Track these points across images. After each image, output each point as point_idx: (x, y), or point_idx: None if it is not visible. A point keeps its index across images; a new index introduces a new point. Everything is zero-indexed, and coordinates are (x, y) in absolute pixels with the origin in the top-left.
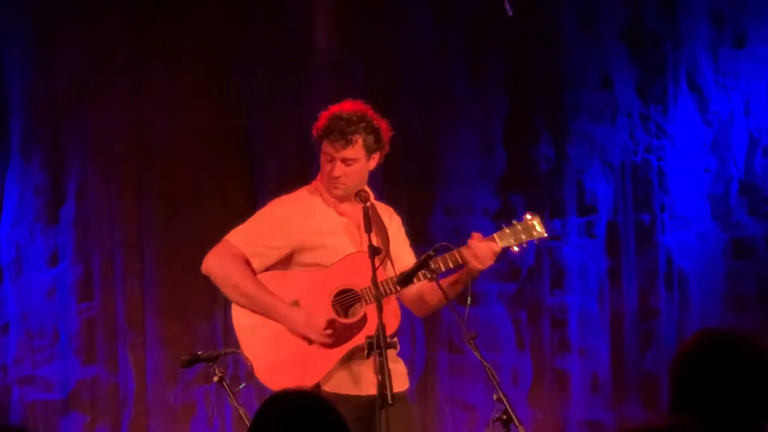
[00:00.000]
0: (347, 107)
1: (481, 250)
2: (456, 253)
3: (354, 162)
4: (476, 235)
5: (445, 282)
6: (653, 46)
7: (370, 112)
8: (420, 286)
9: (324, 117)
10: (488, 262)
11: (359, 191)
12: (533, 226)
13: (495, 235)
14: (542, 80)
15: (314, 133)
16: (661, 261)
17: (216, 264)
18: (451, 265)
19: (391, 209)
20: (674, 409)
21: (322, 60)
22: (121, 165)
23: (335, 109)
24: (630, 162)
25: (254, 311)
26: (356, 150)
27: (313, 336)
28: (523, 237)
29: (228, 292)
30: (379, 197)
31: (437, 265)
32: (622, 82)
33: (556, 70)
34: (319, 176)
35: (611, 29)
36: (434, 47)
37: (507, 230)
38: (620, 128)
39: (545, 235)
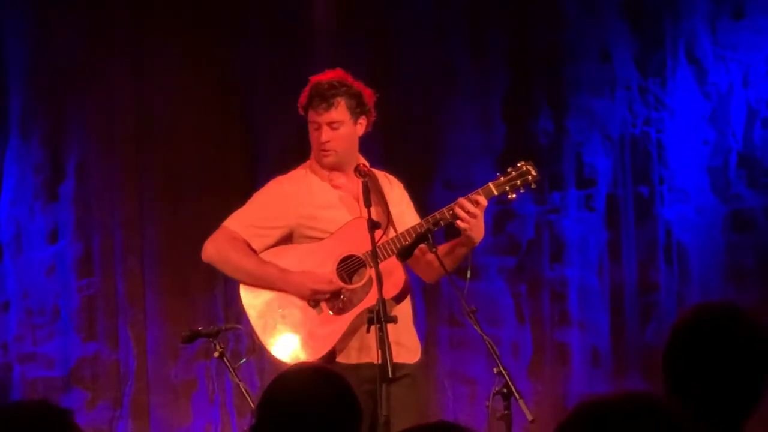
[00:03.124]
0: (326, 75)
1: (460, 206)
2: (439, 214)
3: (340, 125)
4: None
5: (446, 247)
6: (652, 18)
7: (350, 78)
8: (428, 254)
9: (305, 90)
10: (471, 220)
11: (358, 166)
12: (527, 171)
13: (490, 183)
14: (541, 54)
15: (300, 110)
16: (661, 234)
17: (214, 249)
18: (442, 224)
19: (390, 176)
20: (668, 384)
21: (323, 36)
22: (120, 142)
23: (314, 79)
24: (629, 135)
25: (261, 287)
26: (340, 112)
27: (321, 287)
28: (518, 182)
29: (232, 273)
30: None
31: (429, 226)
32: (620, 56)
33: (555, 44)
34: (312, 154)
35: (610, 2)
36: (434, 22)
37: (502, 178)
38: (619, 101)
39: (538, 177)
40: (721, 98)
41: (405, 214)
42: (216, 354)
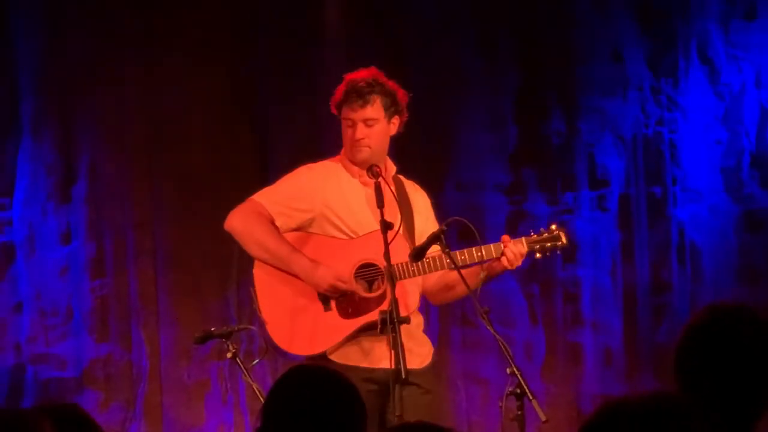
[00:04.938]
0: (362, 74)
1: (512, 250)
2: (484, 247)
3: (375, 122)
4: (505, 237)
5: (468, 272)
6: (664, 18)
7: (384, 77)
8: (447, 276)
9: (340, 88)
10: (516, 262)
11: (371, 167)
12: (558, 237)
13: (523, 239)
14: (553, 55)
15: (333, 108)
16: (673, 234)
17: (240, 221)
18: (476, 258)
19: (419, 187)
20: (680, 385)
21: (333, 36)
22: (132, 143)
23: (350, 77)
24: (641, 135)
25: (277, 267)
26: (375, 109)
27: (340, 284)
28: (548, 245)
29: (251, 248)
30: None
31: (464, 257)
32: (633, 56)
33: (567, 44)
34: (342, 151)
35: (622, 3)
36: (445, 22)
37: (534, 236)
38: (631, 102)
39: (567, 245)
40: (733, 98)
41: (429, 225)
42: (229, 355)
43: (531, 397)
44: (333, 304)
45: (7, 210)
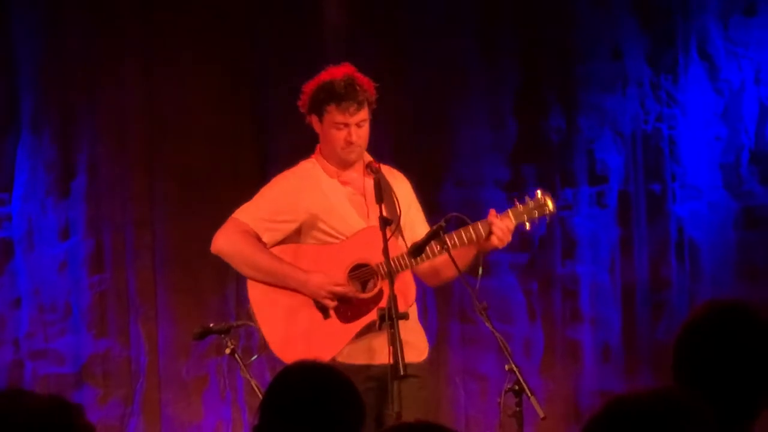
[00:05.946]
0: (344, 71)
1: (499, 227)
2: (473, 228)
3: (365, 123)
4: (492, 212)
5: (458, 253)
6: (663, 15)
7: (359, 74)
8: (433, 259)
9: (319, 88)
10: (506, 239)
11: (369, 163)
12: (545, 203)
13: (509, 211)
14: (553, 51)
15: (304, 107)
16: (673, 230)
17: (226, 242)
18: (467, 241)
19: (396, 171)
20: (678, 381)
21: (333, 34)
22: (132, 140)
23: (328, 76)
24: (641, 131)
25: (270, 284)
26: (366, 111)
27: (338, 290)
28: (536, 213)
29: (241, 268)
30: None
31: (454, 241)
32: (632, 52)
33: (566, 41)
34: (318, 150)
35: None
36: (445, 20)
37: (520, 207)
38: (631, 98)
39: (555, 212)
40: (733, 95)
41: (411, 213)
42: (227, 351)
43: (529, 394)
44: (331, 311)
45: (6, 205)
